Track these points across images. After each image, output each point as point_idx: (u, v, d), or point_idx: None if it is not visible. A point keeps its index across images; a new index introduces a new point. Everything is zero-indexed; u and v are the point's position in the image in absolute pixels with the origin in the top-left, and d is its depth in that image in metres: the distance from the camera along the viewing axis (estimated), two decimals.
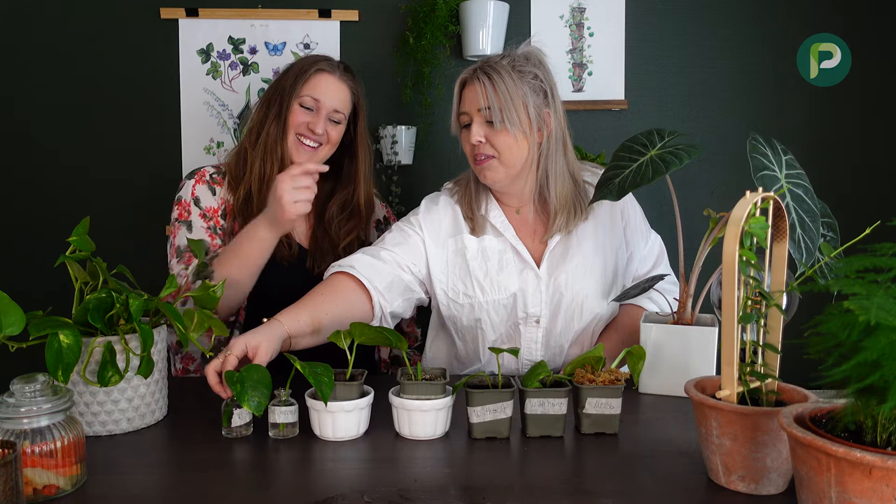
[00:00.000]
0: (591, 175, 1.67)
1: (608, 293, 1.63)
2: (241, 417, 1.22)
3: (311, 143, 1.71)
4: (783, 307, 1.04)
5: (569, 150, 1.62)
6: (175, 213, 1.75)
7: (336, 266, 1.56)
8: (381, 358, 1.92)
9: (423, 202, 1.70)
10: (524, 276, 1.59)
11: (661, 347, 1.41)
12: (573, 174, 1.62)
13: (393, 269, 1.57)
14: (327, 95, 1.71)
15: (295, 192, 1.49)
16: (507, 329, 1.61)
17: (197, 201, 1.76)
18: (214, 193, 1.76)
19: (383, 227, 1.92)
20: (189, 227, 1.72)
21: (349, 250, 1.74)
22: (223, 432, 1.22)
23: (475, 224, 1.62)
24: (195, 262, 1.58)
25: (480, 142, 1.53)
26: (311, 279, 1.72)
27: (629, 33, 2.35)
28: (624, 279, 1.68)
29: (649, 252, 1.70)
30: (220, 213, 1.74)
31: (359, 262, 1.54)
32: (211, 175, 1.79)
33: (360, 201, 1.80)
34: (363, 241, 1.81)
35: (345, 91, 1.75)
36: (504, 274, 1.58)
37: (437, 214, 1.66)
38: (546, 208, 1.62)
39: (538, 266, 1.59)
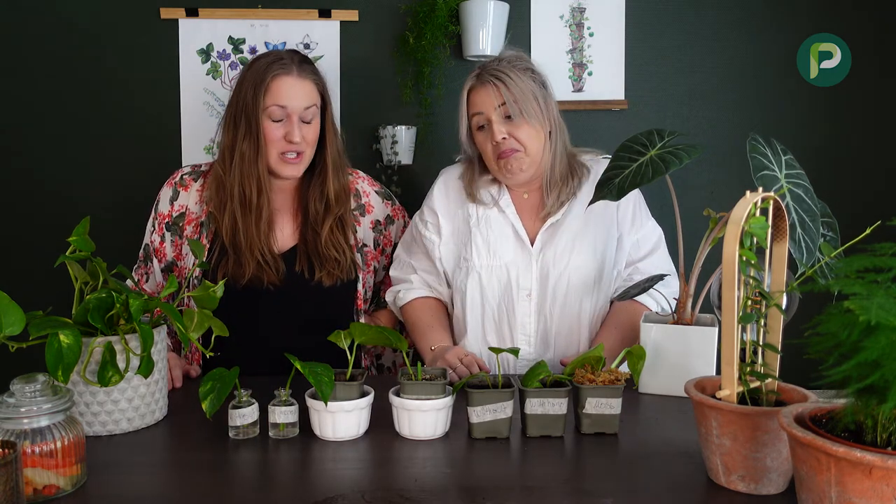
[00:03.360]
0: (587, 155, 1.78)
1: (597, 272, 1.67)
2: (245, 417, 1.22)
3: (293, 154, 1.66)
4: (783, 307, 1.04)
5: (566, 133, 1.73)
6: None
7: (407, 294, 1.76)
8: (364, 367, 1.86)
9: (437, 184, 1.80)
10: (517, 250, 1.68)
11: (661, 347, 1.41)
12: (570, 154, 1.74)
13: (436, 271, 1.77)
14: (292, 99, 1.64)
15: None
16: (500, 300, 1.68)
17: (157, 205, 1.76)
18: (175, 198, 1.74)
19: (383, 228, 1.87)
20: (147, 232, 1.78)
21: (333, 244, 1.72)
22: (230, 433, 1.22)
23: (475, 199, 1.73)
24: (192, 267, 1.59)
25: (504, 138, 1.61)
26: (303, 283, 1.69)
27: (629, 33, 2.35)
28: (617, 264, 1.69)
29: (644, 238, 1.73)
30: (168, 219, 1.73)
31: (420, 285, 1.76)
32: (182, 176, 1.77)
33: (330, 193, 1.73)
34: (341, 241, 1.75)
35: (308, 86, 1.67)
36: (499, 243, 1.69)
37: (445, 187, 1.77)
38: (549, 187, 1.72)
39: (532, 244, 1.68)
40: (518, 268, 1.66)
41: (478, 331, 1.69)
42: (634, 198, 1.75)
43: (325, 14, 2.31)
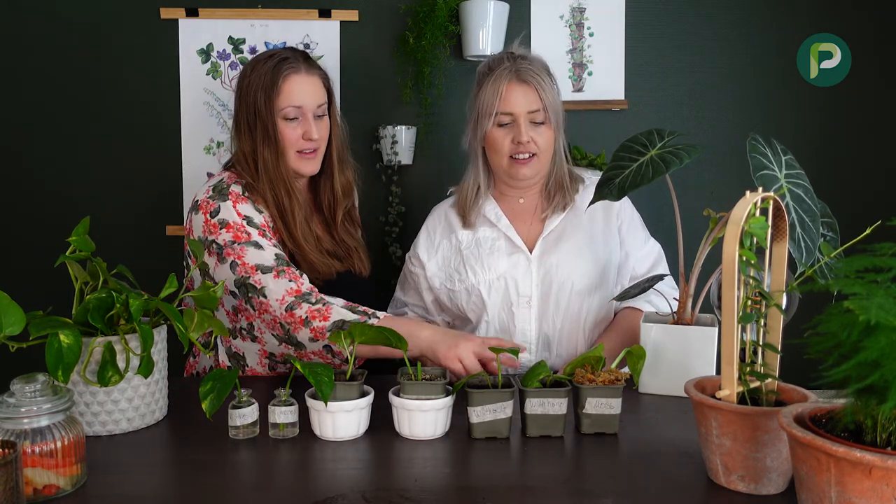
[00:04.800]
0: (593, 173, 1.79)
1: (598, 280, 1.67)
2: (245, 417, 1.22)
3: (310, 150, 1.66)
4: (783, 307, 1.04)
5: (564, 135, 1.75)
6: (227, 237, 1.57)
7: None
8: None
9: (423, 226, 1.83)
10: (514, 258, 1.68)
11: (661, 347, 1.41)
12: (565, 154, 1.75)
13: (426, 306, 1.80)
14: (306, 97, 1.63)
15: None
16: (500, 311, 1.67)
17: (249, 221, 1.61)
18: (260, 211, 1.64)
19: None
20: (257, 246, 1.57)
21: (349, 235, 1.75)
22: (230, 433, 1.22)
23: (467, 220, 1.74)
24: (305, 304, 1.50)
25: (528, 140, 1.62)
26: (350, 276, 1.73)
27: (629, 33, 2.35)
28: (621, 278, 1.70)
29: (647, 254, 1.73)
30: (270, 226, 1.63)
31: (413, 316, 1.80)
32: (243, 192, 1.65)
33: (338, 187, 1.74)
34: (352, 232, 1.79)
35: (317, 83, 1.67)
36: (493, 257, 1.69)
37: (432, 225, 1.80)
38: (547, 191, 1.74)
39: (531, 251, 1.68)
40: (516, 276, 1.66)
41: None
42: (637, 217, 1.77)
43: (325, 14, 2.31)
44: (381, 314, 1.51)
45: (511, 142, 1.63)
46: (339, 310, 1.50)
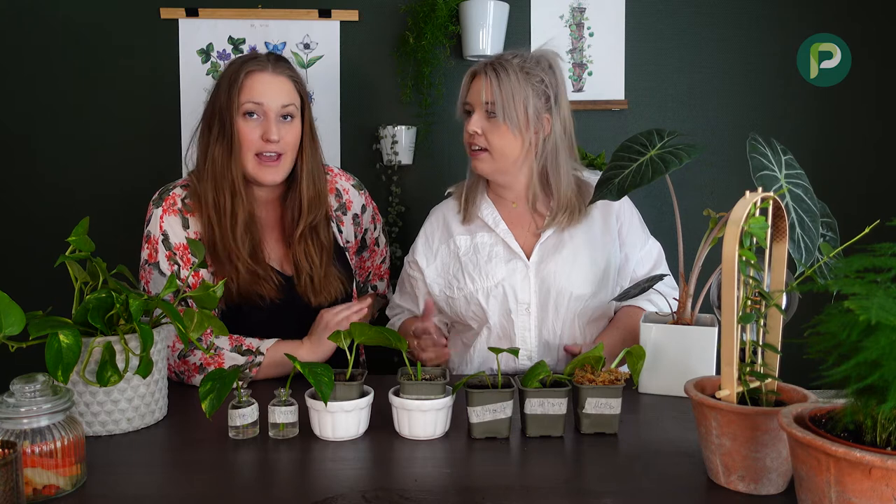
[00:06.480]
0: (591, 174, 1.74)
1: (598, 285, 1.66)
2: (245, 417, 1.22)
3: (271, 154, 1.57)
4: (783, 307, 1.04)
5: (573, 152, 1.70)
6: (144, 254, 1.58)
7: (398, 322, 1.80)
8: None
9: (422, 228, 1.80)
10: (512, 265, 1.66)
11: (661, 347, 1.41)
12: (577, 175, 1.70)
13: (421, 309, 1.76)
14: (267, 95, 1.56)
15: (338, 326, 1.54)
16: (500, 318, 1.66)
17: (165, 238, 1.57)
18: (187, 226, 1.58)
19: (360, 219, 1.83)
20: (161, 273, 1.56)
21: (305, 255, 1.63)
22: (230, 433, 1.22)
23: (467, 214, 1.72)
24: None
25: (476, 133, 1.61)
26: (310, 312, 1.61)
27: (629, 33, 2.35)
28: (621, 280, 1.70)
29: (647, 255, 1.72)
30: (190, 251, 1.50)
31: (409, 315, 1.81)
32: (183, 201, 1.60)
33: (304, 200, 1.64)
34: (313, 254, 1.65)
35: (285, 83, 1.59)
36: (491, 264, 1.67)
37: (430, 229, 1.78)
38: (544, 205, 1.69)
39: (528, 257, 1.66)
40: (514, 284, 1.64)
41: (482, 351, 1.68)
42: (636, 217, 1.75)
43: (325, 14, 2.31)
44: (265, 348, 1.51)
45: (466, 133, 1.64)
46: (229, 354, 1.51)
